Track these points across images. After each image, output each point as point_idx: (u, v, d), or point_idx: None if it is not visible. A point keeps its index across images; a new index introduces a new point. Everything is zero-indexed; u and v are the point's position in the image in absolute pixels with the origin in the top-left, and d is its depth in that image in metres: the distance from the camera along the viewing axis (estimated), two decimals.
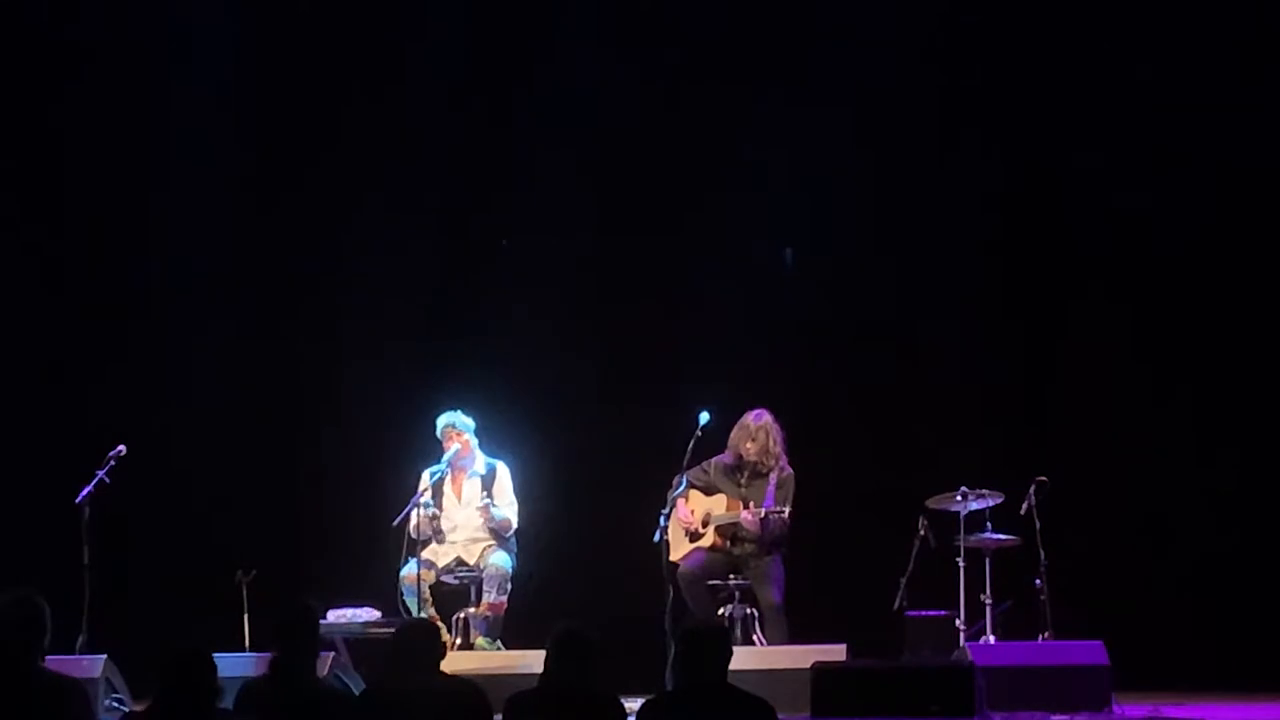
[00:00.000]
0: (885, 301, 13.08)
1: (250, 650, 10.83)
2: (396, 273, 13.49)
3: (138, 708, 10.12)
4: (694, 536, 11.50)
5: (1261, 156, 12.58)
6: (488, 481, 11.69)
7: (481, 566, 11.56)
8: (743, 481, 11.49)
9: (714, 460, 11.55)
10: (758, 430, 11.47)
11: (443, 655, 7.33)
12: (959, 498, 11.39)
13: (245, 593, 11.23)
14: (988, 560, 11.38)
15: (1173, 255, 12.76)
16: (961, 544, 11.39)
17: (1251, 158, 12.59)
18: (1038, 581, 11.27)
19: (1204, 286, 12.74)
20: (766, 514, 11.22)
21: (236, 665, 9.39)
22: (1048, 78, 12.86)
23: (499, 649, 11.30)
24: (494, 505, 11.61)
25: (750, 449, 11.47)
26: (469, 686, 7.19)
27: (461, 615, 11.53)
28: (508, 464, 11.79)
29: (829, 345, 13.05)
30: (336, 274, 13.53)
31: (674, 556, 11.35)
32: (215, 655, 6.75)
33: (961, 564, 11.37)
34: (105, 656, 10.48)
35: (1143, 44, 12.68)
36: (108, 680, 10.42)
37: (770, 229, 13.17)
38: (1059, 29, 12.84)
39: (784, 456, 11.47)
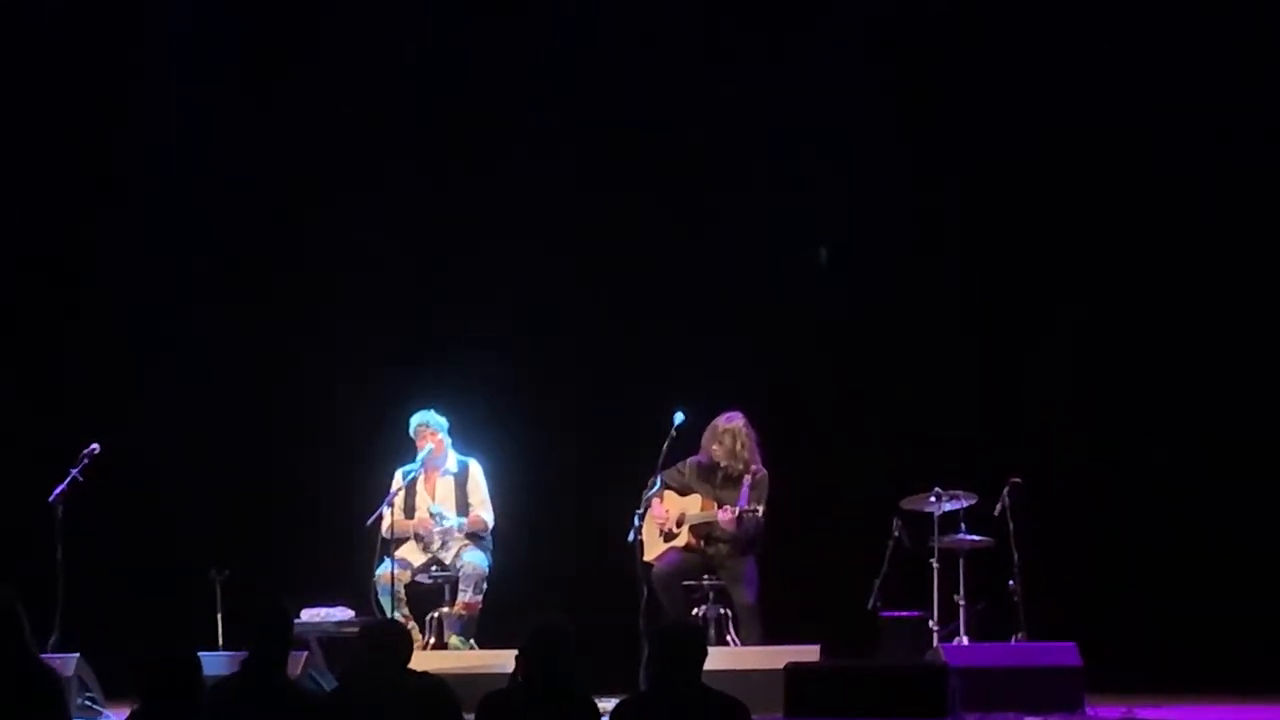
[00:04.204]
0: (861, 302, 13.09)
1: (224, 649, 10.82)
2: (370, 272, 13.49)
3: (111, 710, 10.14)
4: (668, 537, 11.50)
5: (1262, 156, 12.60)
6: (461, 480, 11.68)
7: (457, 566, 11.56)
8: (717, 482, 11.48)
9: (689, 461, 11.55)
10: (724, 433, 11.47)
11: (409, 655, 7.32)
12: (933, 499, 11.40)
13: (219, 592, 11.24)
14: (961, 561, 11.39)
15: (1154, 254, 12.77)
16: (935, 545, 11.38)
17: (1252, 158, 12.61)
18: (1011, 583, 11.29)
19: (1183, 286, 12.75)
20: (741, 513, 11.22)
21: (210, 664, 9.36)
22: (1042, 77, 12.84)
23: (473, 648, 11.30)
24: (455, 519, 11.60)
25: (717, 451, 11.47)
26: (437, 684, 7.19)
27: (436, 614, 11.52)
28: (480, 462, 11.78)
29: (804, 346, 13.05)
30: (311, 273, 13.52)
31: (648, 557, 11.35)
32: None
33: (935, 565, 11.37)
34: (78, 655, 10.47)
35: (1143, 43, 12.67)
36: (80, 679, 10.41)
37: (752, 229, 13.16)
38: (1058, 28, 12.84)
39: (757, 458, 11.47)
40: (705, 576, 11.44)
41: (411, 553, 11.62)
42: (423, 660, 7.47)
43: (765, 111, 13.15)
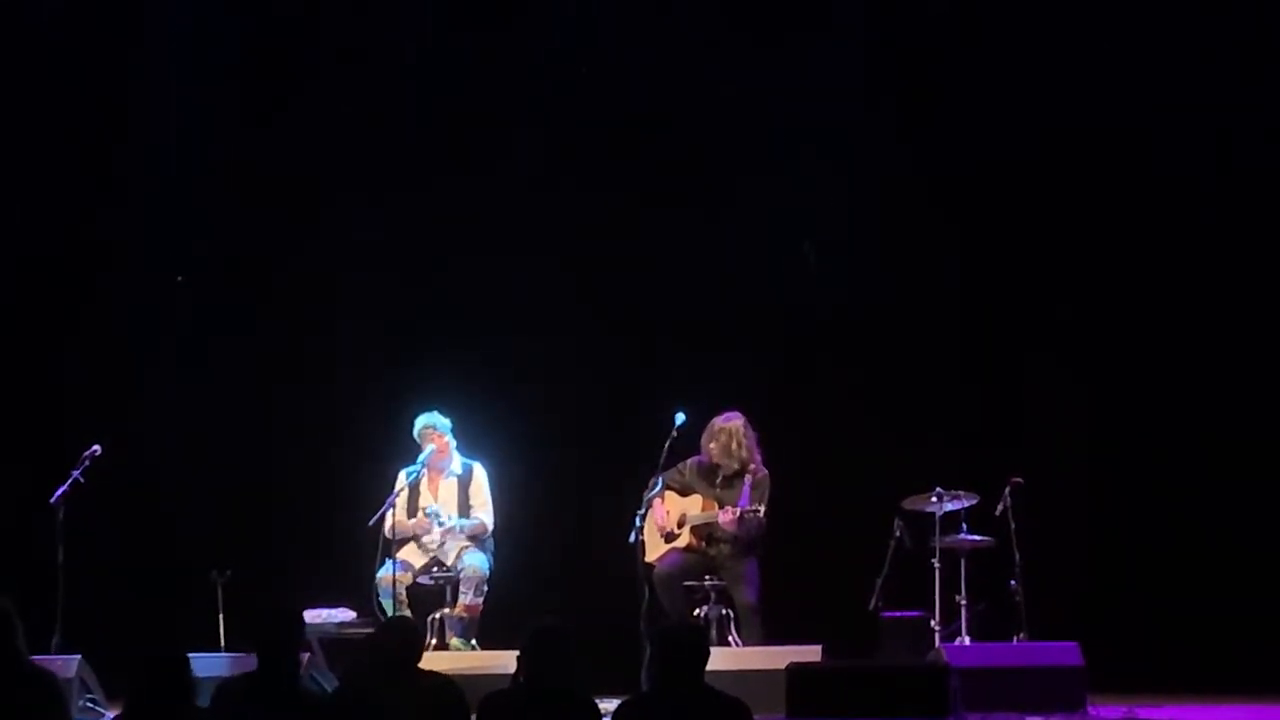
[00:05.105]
0: (861, 302, 13.09)
1: (225, 650, 10.83)
2: (370, 272, 13.48)
3: (113, 711, 10.13)
4: (669, 537, 11.49)
5: (1262, 156, 12.59)
6: (464, 482, 11.68)
7: (458, 568, 11.56)
8: (717, 482, 11.48)
9: (689, 461, 11.55)
10: (720, 431, 11.47)
11: (420, 654, 7.33)
12: (934, 499, 11.40)
13: (220, 593, 11.24)
14: (963, 561, 11.40)
15: (1154, 254, 12.76)
16: (937, 545, 11.39)
17: (1252, 158, 12.60)
18: (1013, 582, 11.30)
19: (1183, 286, 12.74)
20: (742, 513, 11.21)
21: (211, 665, 9.40)
22: (1042, 77, 12.83)
23: (474, 650, 11.30)
24: (457, 519, 11.60)
25: (713, 450, 11.47)
26: (447, 684, 7.20)
27: (437, 616, 11.52)
28: (484, 465, 11.78)
29: (805, 346, 13.05)
30: (313, 273, 13.51)
31: (649, 558, 11.36)
32: (190, 655, 6.73)
33: (936, 565, 11.37)
34: (80, 657, 10.46)
35: (1143, 43, 12.65)
36: (82, 680, 10.40)
37: (752, 229, 13.15)
38: (1058, 28, 12.83)
39: (757, 458, 11.46)
40: (706, 577, 11.43)
41: (413, 554, 11.62)
42: (424, 662, 7.46)
43: (765, 111, 13.14)
